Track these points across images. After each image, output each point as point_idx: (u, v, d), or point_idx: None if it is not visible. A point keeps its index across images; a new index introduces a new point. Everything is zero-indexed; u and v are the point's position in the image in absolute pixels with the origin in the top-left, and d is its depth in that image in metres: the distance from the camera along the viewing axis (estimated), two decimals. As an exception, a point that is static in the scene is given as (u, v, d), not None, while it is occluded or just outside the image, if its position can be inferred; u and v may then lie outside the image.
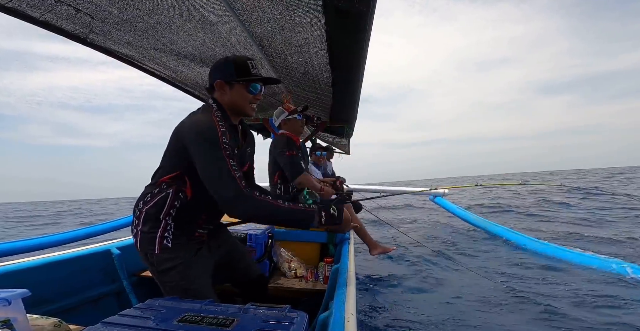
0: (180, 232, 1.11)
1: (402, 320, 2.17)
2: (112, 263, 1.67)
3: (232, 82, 1.14)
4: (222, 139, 1.03)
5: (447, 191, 7.00)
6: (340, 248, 2.06)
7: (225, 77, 1.14)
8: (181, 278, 1.07)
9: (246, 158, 1.30)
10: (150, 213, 1.09)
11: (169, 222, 1.10)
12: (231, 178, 0.99)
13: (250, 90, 1.17)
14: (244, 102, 1.17)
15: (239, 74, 1.14)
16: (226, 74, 1.14)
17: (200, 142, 1.02)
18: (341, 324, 0.90)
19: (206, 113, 1.11)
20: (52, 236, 4.47)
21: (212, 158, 1.01)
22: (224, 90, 1.16)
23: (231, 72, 1.14)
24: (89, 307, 1.52)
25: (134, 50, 1.96)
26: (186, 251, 1.11)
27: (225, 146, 1.03)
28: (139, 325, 0.72)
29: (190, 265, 1.10)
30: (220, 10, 1.53)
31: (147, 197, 1.11)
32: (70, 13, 1.46)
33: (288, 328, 0.72)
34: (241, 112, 1.19)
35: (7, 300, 0.69)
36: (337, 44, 1.75)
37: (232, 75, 1.14)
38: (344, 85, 2.50)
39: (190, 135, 1.04)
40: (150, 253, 1.07)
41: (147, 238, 1.08)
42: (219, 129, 1.04)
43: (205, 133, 1.03)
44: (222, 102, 1.17)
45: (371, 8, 1.28)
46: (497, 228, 4.87)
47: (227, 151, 1.02)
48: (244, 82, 1.15)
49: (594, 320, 2.08)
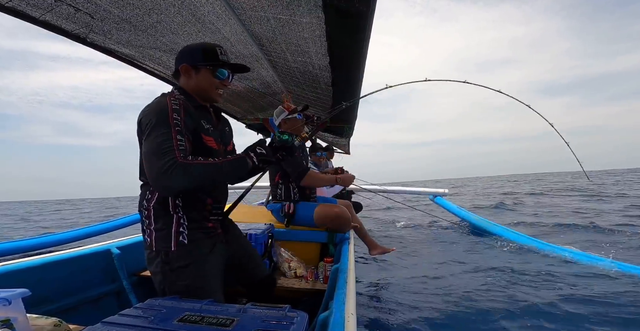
0: (194, 225, 1.09)
1: (402, 319, 2.17)
2: (112, 263, 1.67)
3: (199, 66, 1.12)
4: (172, 115, 0.99)
5: (447, 191, 7.01)
6: (340, 248, 2.06)
7: (191, 61, 1.12)
8: (194, 276, 1.04)
9: (226, 136, 1.28)
10: (158, 209, 1.07)
11: (180, 214, 1.07)
12: (166, 152, 0.92)
13: (217, 76, 1.15)
14: (209, 86, 1.15)
15: (206, 58, 1.12)
16: (193, 58, 1.13)
17: (147, 121, 0.99)
18: (341, 324, 0.90)
19: (162, 96, 1.08)
20: (52, 236, 4.48)
21: (153, 133, 0.96)
22: (189, 74, 1.14)
23: (198, 56, 1.12)
24: (88, 307, 1.52)
25: (133, 49, 1.96)
26: (202, 248, 1.09)
27: (175, 121, 0.98)
28: (139, 324, 0.72)
29: (204, 263, 1.08)
30: (220, 9, 1.53)
31: (147, 194, 1.09)
32: (70, 12, 1.46)
33: (288, 328, 0.72)
34: (207, 97, 1.17)
35: (7, 299, 0.69)
36: (337, 43, 1.75)
37: (199, 60, 1.12)
38: (343, 85, 2.50)
39: (140, 119, 1.02)
40: (166, 251, 1.04)
41: (162, 235, 1.05)
42: (170, 106, 1.00)
43: (151, 112, 1.00)
44: (188, 87, 1.15)
45: (371, 8, 1.28)
46: (498, 228, 4.87)
47: (176, 127, 0.98)
48: (210, 67, 1.13)
49: (593, 319, 2.08)
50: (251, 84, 2.74)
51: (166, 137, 0.95)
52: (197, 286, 1.04)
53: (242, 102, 3.27)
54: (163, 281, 1.06)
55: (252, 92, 2.95)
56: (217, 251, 1.15)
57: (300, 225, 2.25)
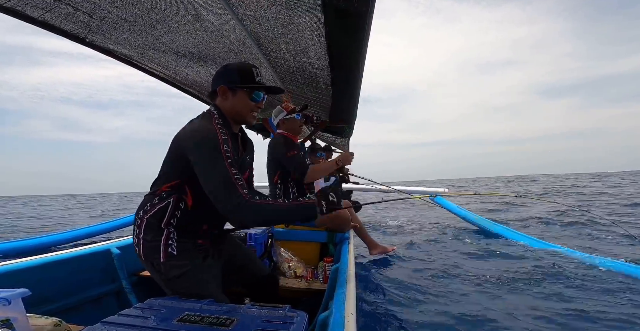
0: (184, 240, 1.10)
1: (402, 319, 2.17)
2: (112, 263, 1.67)
3: (236, 88, 1.13)
4: (224, 147, 1.01)
5: (447, 191, 7.02)
6: (340, 247, 2.06)
7: (228, 82, 1.13)
8: (192, 285, 1.05)
9: (245, 166, 1.29)
10: (152, 222, 1.08)
11: (171, 229, 1.08)
12: (233, 187, 0.97)
13: (253, 98, 1.15)
14: (245, 109, 1.15)
15: (243, 80, 1.13)
16: (230, 79, 1.13)
17: (201, 150, 1.00)
18: (341, 324, 0.90)
19: (206, 120, 1.09)
20: (52, 236, 4.48)
21: (214, 166, 0.98)
22: (226, 96, 1.14)
23: (235, 78, 1.12)
24: (88, 307, 1.52)
25: (133, 49, 1.96)
26: (193, 258, 1.09)
27: (227, 154, 1.01)
28: (139, 324, 0.72)
29: (198, 270, 1.08)
30: (220, 9, 1.53)
31: (147, 206, 1.10)
32: (69, 12, 1.46)
33: (288, 327, 0.72)
34: (242, 119, 1.18)
35: (7, 299, 0.69)
36: (337, 43, 1.75)
37: (236, 82, 1.12)
38: (343, 84, 2.50)
39: (190, 143, 1.02)
40: (157, 262, 1.06)
41: (151, 247, 1.07)
42: (220, 136, 1.02)
43: (207, 140, 1.01)
44: (224, 108, 1.15)
45: (370, 7, 1.28)
46: (498, 228, 4.88)
47: (229, 159, 1.00)
48: (247, 89, 1.13)
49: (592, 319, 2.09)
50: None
51: (225, 171, 0.98)
52: (198, 293, 1.04)
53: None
54: (165, 286, 1.08)
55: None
56: (209, 261, 1.15)
57: (300, 225, 2.25)
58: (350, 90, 2.65)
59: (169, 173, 1.10)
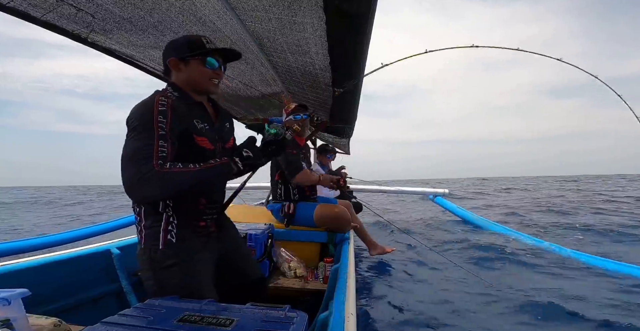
0: (184, 224, 1.08)
1: (402, 319, 2.17)
2: (112, 263, 1.67)
3: (187, 58, 1.09)
4: (157, 118, 0.95)
5: (447, 191, 7.01)
6: (340, 248, 2.06)
7: (178, 54, 1.10)
8: (183, 276, 1.04)
9: (226, 133, 1.24)
10: (148, 208, 1.06)
11: (170, 213, 1.06)
12: (143, 158, 0.90)
13: (208, 64, 1.11)
14: (202, 78, 1.11)
15: (192, 49, 1.09)
16: (179, 51, 1.10)
17: (130, 123, 0.96)
18: (341, 324, 0.90)
19: (151, 96, 1.05)
20: (52, 236, 4.47)
21: (133, 137, 0.93)
22: (179, 68, 1.10)
23: (184, 49, 1.09)
24: (88, 307, 1.52)
25: (134, 49, 1.96)
26: (191, 248, 1.08)
27: (160, 125, 0.95)
28: (139, 324, 0.72)
29: (192, 263, 1.07)
30: (221, 10, 1.53)
31: None
32: (71, 12, 1.46)
33: (288, 328, 0.72)
34: (203, 89, 1.14)
35: (7, 299, 0.69)
36: (338, 44, 1.75)
37: (185, 52, 1.09)
38: (343, 84, 2.50)
39: (128, 119, 0.99)
40: (154, 249, 1.04)
41: (151, 233, 1.05)
42: (156, 108, 0.97)
43: (136, 114, 0.97)
44: (180, 82, 1.12)
45: (372, 8, 1.28)
46: (498, 228, 4.88)
47: (160, 131, 0.94)
48: (199, 57, 1.10)
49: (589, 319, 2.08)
50: (251, 84, 2.74)
51: (146, 142, 0.92)
52: (187, 285, 1.03)
53: (241, 102, 3.27)
54: (152, 278, 1.05)
55: (252, 92, 2.95)
56: (208, 249, 1.13)
57: (300, 225, 2.25)
58: (351, 91, 2.65)
59: None
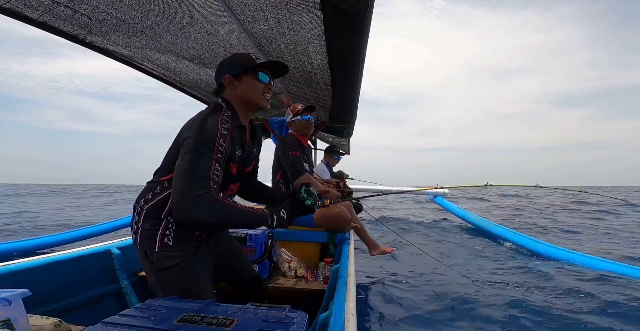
0: (182, 231, 1.10)
1: (402, 320, 2.17)
2: (112, 263, 1.67)
3: (240, 74, 1.13)
4: (219, 141, 1.00)
5: (447, 191, 7.01)
6: (340, 248, 2.06)
7: (232, 71, 1.13)
8: (181, 277, 1.05)
9: (251, 158, 1.29)
10: (151, 212, 1.08)
11: (171, 220, 1.08)
12: (205, 179, 0.94)
13: (260, 80, 1.15)
14: (256, 92, 1.15)
15: (244, 66, 1.12)
16: (232, 68, 1.13)
17: (194, 139, 0.99)
18: (341, 324, 0.90)
19: (215, 113, 1.08)
20: (52, 236, 4.47)
21: (195, 154, 0.97)
22: (233, 85, 1.14)
23: (237, 65, 1.13)
24: (89, 307, 1.52)
25: (132, 50, 1.96)
26: (187, 250, 1.09)
27: (220, 149, 1.00)
28: (139, 325, 0.72)
29: (190, 263, 1.08)
30: (219, 10, 1.53)
31: (148, 195, 1.10)
32: (68, 14, 1.46)
33: (288, 328, 0.72)
34: (255, 104, 1.17)
35: (8, 300, 0.69)
36: (336, 43, 1.75)
37: (239, 68, 1.12)
38: (343, 84, 2.50)
39: (189, 133, 1.02)
40: (150, 251, 1.06)
41: (148, 236, 1.06)
42: (219, 131, 1.02)
43: (204, 133, 1.00)
44: (234, 98, 1.15)
45: (369, 7, 1.28)
46: (498, 229, 4.88)
47: (218, 154, 0.99)
48: (252, 73, 1.14)
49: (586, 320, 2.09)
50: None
51: (207, 162, 0.97)
52: (186, 286, 1.05)
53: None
54: (154, 278, 1.08)
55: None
56: (203, 251, 1.15)
57: (300, 225, 2.25)
58: (349, 90, 2.65)
59: (171, 163, 1.08)
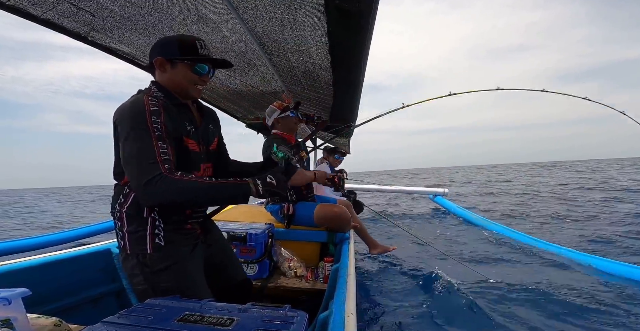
0: (171, 227, 1.04)
1: (402, 319, 2.17)
2: (112, 262, 1.67)
3: (175, 60, 1.05)
4: (151, 118, 0.93)
5: (446, 191, 7.02)
6: (340, 247, 2.06)
7: (166, 54, 1.05)
8: (176, 278, 1.01)
9: (210, 134, 1.20)
10: (131, 212, 1.01)
11: (156, 217, 1.02)
12: (152, 162, 0.89)
13: (196, 70, 1.07)
14: (186, 82, 1.07)
15: (183, 52, 1.04)
16: (168, 51, 1.05)
17: (123, 124, 0.93)
18: (341, 324, 0.90)
19: (136, 95, 1.01)
20: (52, 235, 4.48)
21: (132, 139, 0.91)
22: (164, 68, 1.06)
23: (174, 50, 1.04)
24: (89, 306, 1.52)
25: (135, 48, 1.96)
26: (181, 250, 1.05)
27: (155, 126, 0.93)
28: (139, 324, 0.72)
29: (185, 264, 1.04)
30: (222, 9, 1.53)
31: (120, 198, 1.03)
32: (72, 11, 1.46)
33: (288, 327, 0.72)
34: (184, 93, 1.09)
35: (7, 299, 0.69)
36: (339, 43, 1.75)
37: (175, 54, 1.04)
38: (344, 85, 2.50)
39: (118, 120, 0.96)
40: (143, 254, 1.00)
41: (136, 238, 1.00)
42: (147, 108, 0.94)
43: (129, 114, 0.94)
44: (162, 82, 1.07)
45: (373, 7, 1.28)
46: (497, 227, 4.88)
47: (156, 132, 0.92)
48: (188, 62, 1.05)
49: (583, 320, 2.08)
50: (252, 83, 2.74)
51: (146, 143, 0.90)
52: (181, 286, 1.01)
53: (242, 101, 3.26)
54: (144, 282, 1.01)
55: (253, 91, 2.95)
56: (197, 251, 1.11)
57: (300, 225, 2.25)
58: (351, 91, 2.64)
59: (119, 159, 1.00)
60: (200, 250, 1.14)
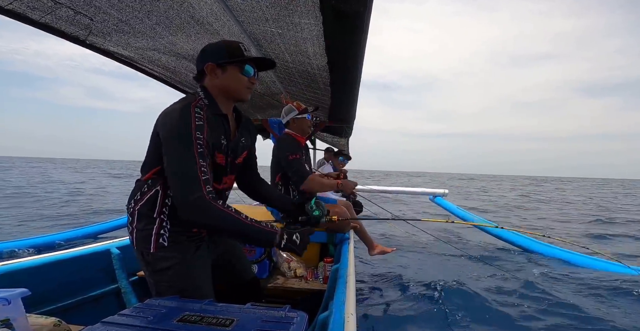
0: (178, 229, 1.07)
1: (402, 319, 2.17)
2: (112, 262, 1.67)
3: (225, 64, 1.07)
4: (196, 134, 0.96)
5: (447, 191, 7.02)
6: (340, 248, 2.06)
7: (216, 59, 1.07)
8: (178, 278, 1.03)
9: (239, 149, 1.21)
10: (143, 211, 1.05)
11: (164, 218, 1.05)
12: (194, 181, 0.93)
13: (246, 72, 1.10)
14: (238, 84, 1.10)
15: (231, 56, 1.07)
16: (217, 56, 1.07)
17: (170, 136, 0.96)
18: (341, 324, 0.90)
19: (184, 103, 1.02)
20: (52, 236, 4.47)
21: (178, 155, 0.95)
22: (215, 74, 1.08)
23: (223, 54, 1.07)
24: (88, 307, 1.52)
25: (133, 51, 1.96)
26: (184, 251, 1.07)
27: (199, 142, 0.96)
28: (139, 324, 0.72)
29: (188, 264, 1.06)
30: (219, 11, 1.54)
31: (137, 195, 1.07)
32: (70, 15, 1.46)
33: (288, 328, 0.72)
34: (236, 96, 1.12)
35: (7, 299, 0.70)
36: (335, 44, 1.76)
37: (224, 57, 1.06)
38: (341, 85, 2.51)
39: (161, 128, 0.99)
40: (146, 252, 1.04)
41: (143, 236, 1.04)
42: (193, 122, 0.97)
43: (176, 126, 0.96)
44: (214, 87, 1.10)
45: (367, 7, 1.29)
46: (497, 229, 4.88)
47: (198, 148, 0.95)
48: (237, 64, 1.08)
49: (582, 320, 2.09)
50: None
51: (190, 161, 0.94)
52: (183, 287, 1.02)
53: (240, 103, 3.28)
54: (151, 279, 1.06)
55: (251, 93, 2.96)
56: (202, 252, 1.13)
57: (300, 226, 2.25)
58: (348, 91, 2.65)
59: (152, 158, 1.05)
60: (206, 249, 1.16)
